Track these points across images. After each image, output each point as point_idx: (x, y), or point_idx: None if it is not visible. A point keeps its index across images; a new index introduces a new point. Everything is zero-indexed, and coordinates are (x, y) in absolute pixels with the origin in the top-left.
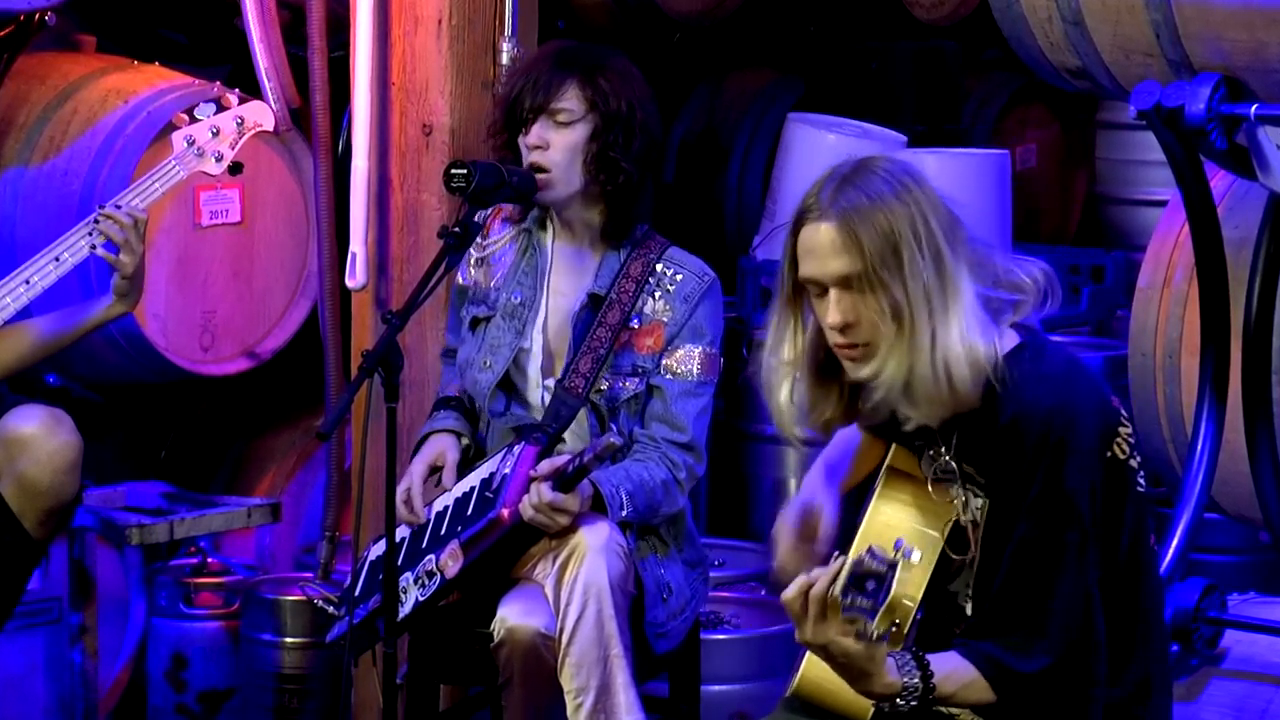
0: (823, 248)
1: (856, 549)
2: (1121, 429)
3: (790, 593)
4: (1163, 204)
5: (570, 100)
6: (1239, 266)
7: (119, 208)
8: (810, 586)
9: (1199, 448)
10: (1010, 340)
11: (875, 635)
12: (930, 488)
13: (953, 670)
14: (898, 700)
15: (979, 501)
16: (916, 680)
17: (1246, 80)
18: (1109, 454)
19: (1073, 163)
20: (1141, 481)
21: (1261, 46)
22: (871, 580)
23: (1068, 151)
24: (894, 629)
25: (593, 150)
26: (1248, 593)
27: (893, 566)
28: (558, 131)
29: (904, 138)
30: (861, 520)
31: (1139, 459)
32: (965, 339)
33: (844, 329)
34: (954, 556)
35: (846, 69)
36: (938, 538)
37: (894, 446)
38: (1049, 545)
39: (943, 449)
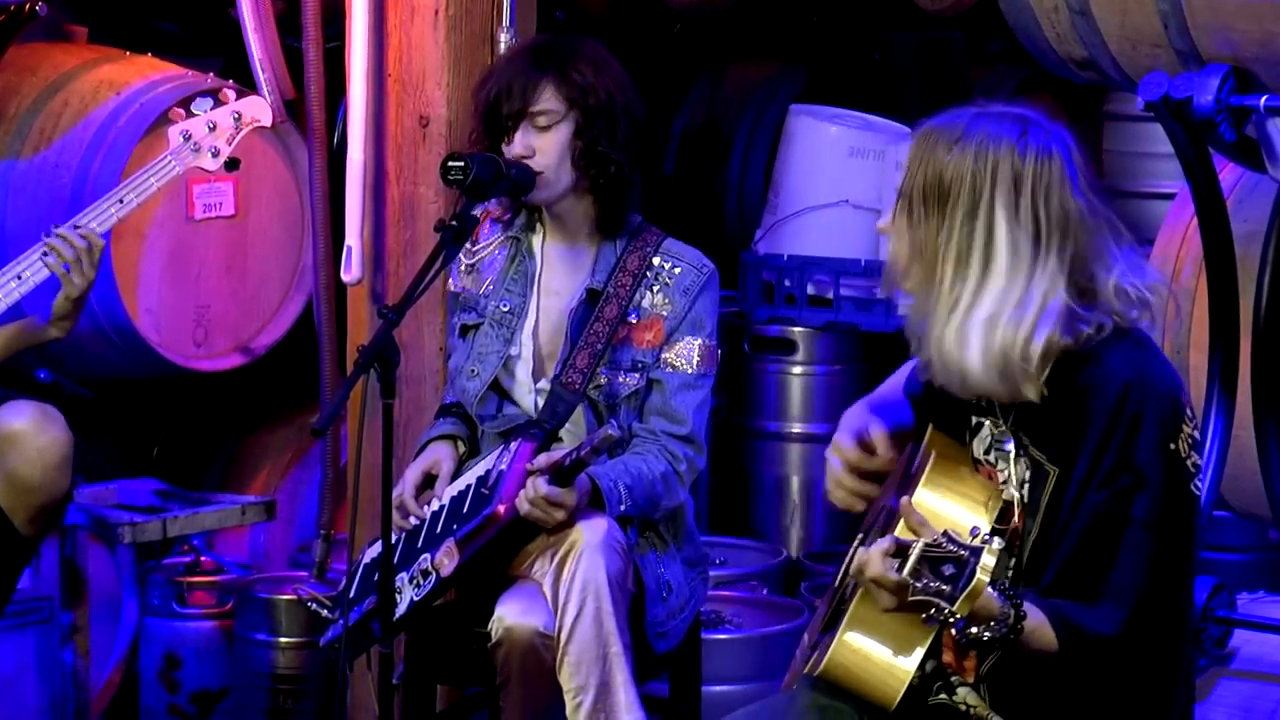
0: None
1: (929, 535)
2: (1186, 427)
3: (855, 568)
4: (1171, 197)
5: (548, 101)
6: (1248, 261)
7: (76, 228)
8: (866, 563)
9: (1207, 445)
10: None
11: (952, 620)
12: (978, 473)
13: (1034, 613)
14: (992, 623)
15: (1033, 470)
16: (1010, 611)
17: (1255, 71)
18: (1172, 446)
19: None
20: (1198, 485)
21: (1270, 37)
22: (950, 565)
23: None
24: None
25: (579, 147)
26: (1257, 592)
27: (976, 553)
28: (541, 136)
29: (908, 129)
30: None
31: (1196, 461)
32: (992, 325)
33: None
34: (1001, 526)
35: (850, 60)
36: (987, 525)
37: (931, 430)
38: (1117, 516)
39: (1000, 419)
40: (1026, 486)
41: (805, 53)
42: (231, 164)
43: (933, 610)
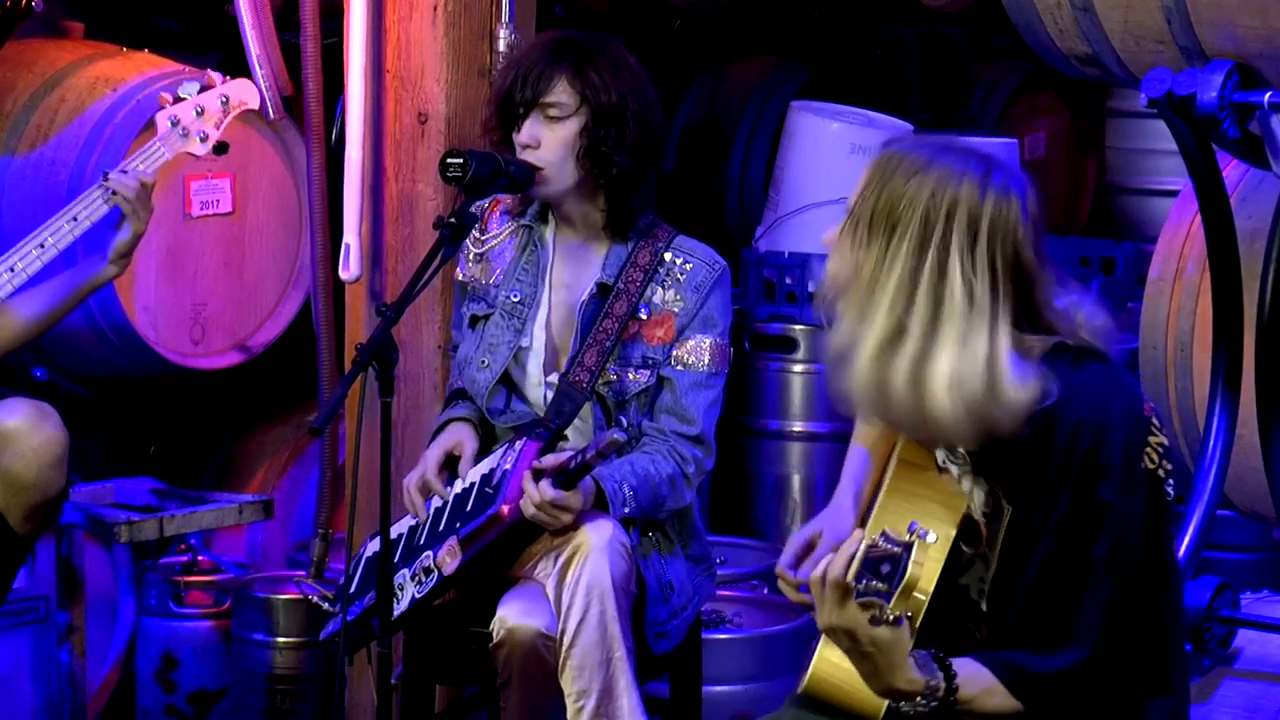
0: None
1: (869, 537)
2: (1152, 438)
3: (815, 574)
4: (1174, 194)
5: (561, 94)
6: (1252, 258)
7: (125, 172)
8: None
9: (1211, 443)
10: (1044, 344)
11: (891, 618)
12: (942, 477)
13: (974, 674)
14: (918, 699)
15: (990, 500)
16: (939, 680)
17: (1260, 68)
18: (1141, 464)
19: (1082, 152)
20: (1170, 489)
21: (1275, 34)
22: (886, 563)
23: (1077, 140)
24: (907, 618)
25: (584, 145)
26: (1261, 591)
27: (908, 548)
28: (549, 128)
29: (910, 126)
30: (871, 513)
31: (1169, 466)
32: (958, 370)
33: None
34: (966, 549)
35: (851, 56)
36: (950, 530)
37: (903, 437)
38: (1078, 559)
39: (955, 452)
40: (985, 517)
41: (806, 49)
42: (220, 148)
43: (875, 611)
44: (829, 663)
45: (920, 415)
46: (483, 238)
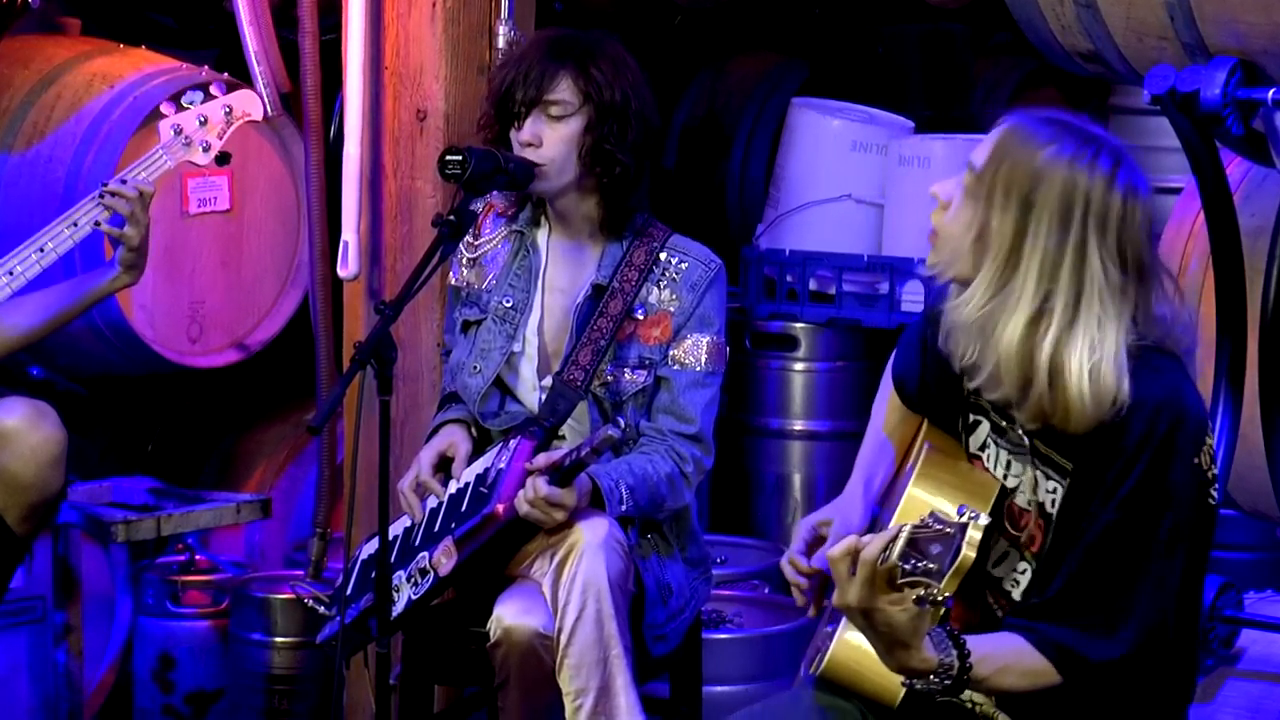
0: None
1: (915, 518)
2: (1208, 439)
3: (837, 551)
4: (1177, 191)
5: (564, 92)
6: (1256, 256)
7: (124, 182)
8: (858, 549)
9: (1214, 442)
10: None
11: (941, 598)
12: (971, 465)
13: (991, 652)
14: (931, 678)
15: (1051, 485)
16: (953, 658)
17: (1263, 64)
18: (1196, 460)
19: None
20: (1215, 494)
21: (1279, 29)
22: (937, 544)
23: None
24: (935, 602)
25: (587, 143)
26: (1265, 591)
27: (961, 529)
28: (551, 125)
29: (911, 123)
30: (898, 497)
31: (1215, 472)
32: (1094, 357)
33: (941, 207)
34: (1013, 532)
35: (852, 52)
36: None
37: (926, 424)
38: (1140, 536)
39: (1015, 425)
40: (1036, 495)
41: (807, 45)
42: (223, 158)
43: (922, 590)
44: (850, 647)
45: (1051, 394)
46: (475, 242)
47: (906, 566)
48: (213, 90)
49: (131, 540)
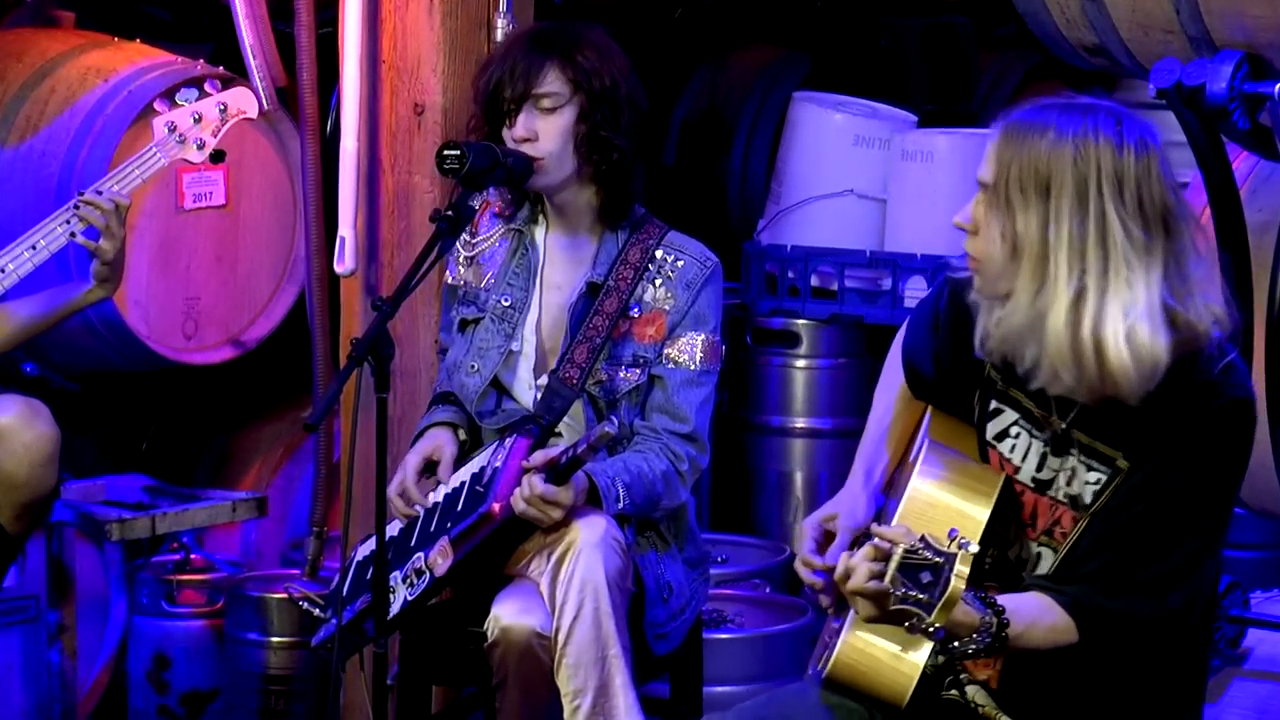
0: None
1: (906, 541)
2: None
3: (836, 574)
4: (1183, 186)
5: (553, 83)
6: (1262, 251)
7: (100, 193)
8: (850, 571)
9: None
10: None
11: (931, 630)
12: (984, 455)
13: (1017, 608)
14: (975, 635)
15: (1094, 476)
16: (991, 616)
17: (1270, 58)
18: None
19: None
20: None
21: None
22: (926, 572)
23: None
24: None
25: (582, 132)
26: (1271, 590)
27: (950, 560)
28: (544, 119)
29: (914, 117)
30: (900, 498)
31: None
32: (1128, 320)
33: (970, 234)
34: (1026, 524)
35: (854, 46)
36: (980, 521)
37: (931, 413)
38: (1190, 514)
39: (1055, 415)
40: (1072, 487)
41: (809, 39)
42: (217, 156)
43: (913, 620)
44: (857, 648)
45: (1100, 371)
46: (473, 241)
47: (896, 594)
48: (207, 88)
49: (126, 539)
